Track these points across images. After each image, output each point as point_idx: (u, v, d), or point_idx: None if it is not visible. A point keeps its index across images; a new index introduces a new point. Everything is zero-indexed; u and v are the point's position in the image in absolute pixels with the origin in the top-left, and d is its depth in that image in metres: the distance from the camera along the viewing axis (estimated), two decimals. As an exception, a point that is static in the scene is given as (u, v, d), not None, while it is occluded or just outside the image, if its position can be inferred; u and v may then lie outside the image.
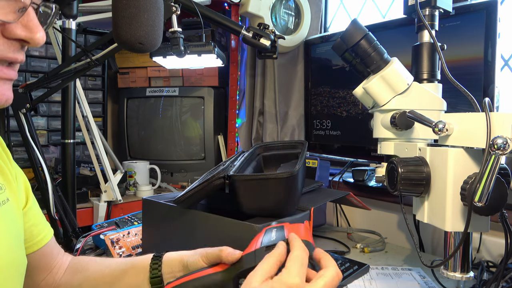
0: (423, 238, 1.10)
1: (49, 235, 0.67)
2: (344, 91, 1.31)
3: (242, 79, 1.72)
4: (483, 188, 0.53)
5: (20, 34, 0.43)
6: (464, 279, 0.66)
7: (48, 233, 0.67)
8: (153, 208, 0.85)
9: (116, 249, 0.93)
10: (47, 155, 1.69)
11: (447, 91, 0.80)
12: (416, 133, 0.77)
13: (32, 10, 0.44)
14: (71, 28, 1.13)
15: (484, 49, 0.92)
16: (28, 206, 0.63)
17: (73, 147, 1.17)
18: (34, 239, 0.64)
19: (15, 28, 0.43)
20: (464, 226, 0.59)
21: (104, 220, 1.42)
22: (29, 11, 0.43)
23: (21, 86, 1.06)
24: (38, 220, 0.66)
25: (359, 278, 0.87)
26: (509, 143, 0.51)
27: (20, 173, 0.64)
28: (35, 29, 0.44)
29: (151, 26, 0.67)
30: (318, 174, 1.26)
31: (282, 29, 1.42)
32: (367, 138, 0.96)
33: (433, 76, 0.78)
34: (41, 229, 0.66)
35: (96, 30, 1.82)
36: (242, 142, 1.72)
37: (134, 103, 1.91)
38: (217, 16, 1.07)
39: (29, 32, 0.43)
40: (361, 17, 1.57)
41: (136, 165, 1.71)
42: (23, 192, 0.63)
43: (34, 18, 0.44)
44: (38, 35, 0.44)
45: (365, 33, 0.77)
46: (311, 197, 0.89)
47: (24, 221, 0.62)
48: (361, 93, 0.83)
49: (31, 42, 0.44)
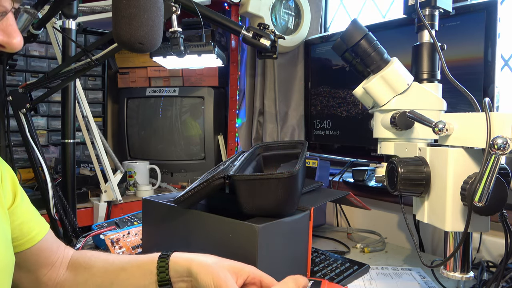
0: (423, 238, 1.10)
1: (43, 230, 0.66)
2: (344, 91, 1.31)
3: (242, 79, 1.72)
4: (483, 188, 0.53)
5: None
6: (464, 279, 0.66)
7: (42, 229, 0.66)
8: (153, 208, 0.85)
9: (116, 249, 0.93)
10: (47, 155, 1.69)
11: (447, 91, 0.80)
12: (416, 133, 0.77)
13: (12, 15, 0.43)
14: (71, 28, 1.13)
15: (484, 49, 0.92)
16: (15, 203, 0.62)
17: (73, 147, 1.17)
18: (26, 236, 0.63)
19: None
20: (464, 226, 0.59)
21: (104, 220, 1.42)
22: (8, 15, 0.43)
23: (21, 86, 1.06)
24: (29, 217, 0.65)
25: (359, 278, 0.87)
26: (509, 143, 0.51)
27: (7, 170, 0.63)
28: (13, 34, 0.43)
29: (151, 26, 0.67)
30: (318, 174, 1.26)
31: (282, 29, 1.42)
32: (367, 138, 0.96)
33: (433, 76, 0.78)
34: (32, 226, 0.65)
35: (96, 30, 1.82)
36: (242, 142, 1.72)
37: (134, 103, 1.91)
38: (217, 16, 1.07)
39: (7, 37, 0.43)
40: (361, 17, 1.57)
41: (136, 165, 1.71)
42: (10, 190, 0.62)
43: (13, 23, 0.43)
44: (15, 40, 0.44)
45: (365, 33, 0.77)
46: (311, 197, 0.89)
47: (12, 219, 0.61)
48: (361, 93, 0.83)
49: (7, 47, 0.43)
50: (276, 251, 0.69)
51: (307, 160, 1.28)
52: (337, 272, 0.86)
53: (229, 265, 0.58)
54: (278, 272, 0.70)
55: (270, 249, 0.67)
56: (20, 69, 1.66)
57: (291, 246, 0.73)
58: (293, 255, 0.74)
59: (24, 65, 1.67)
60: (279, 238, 0.69)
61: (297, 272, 0.75)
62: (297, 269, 0.75)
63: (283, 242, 0.71)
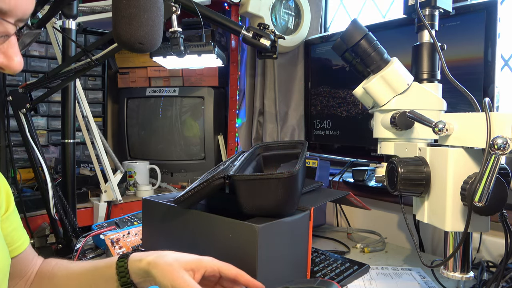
0: (423, 238, 1.10)
1: (26, 241, 0.68)
2: (344, 91, 1.31)
3: (242, 79, 1.72)
4: (483, 188, 0.53)
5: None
6: (464, 279, 0.66)
7: (25, 240, 0.68)
8: (153, 208, 0.85)
9: (116, 249, 0.93)
10: (47, 155, 1.69)
11: (447, 91, 0.80)
12: (416, 133, 0.77)
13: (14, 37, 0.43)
14: (71, 28, 1.13)
15: (484, 49, 0.92)
16: (9, 212, 0.64)
17: (73, 147, 1.17)
18: (14, 244, 0.65)
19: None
20: (464, 226, 0.59)
21: (104, 220, 1.41)
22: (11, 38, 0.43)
23: (21, 86, 1.06)
24: (16, 225, 0.67)
25: (359, 278, 0.87)
26: (509, 143, 0.51)
27: (2, 180, 0.64)
28: (14, 56, 0.43)
29: (151, 26, 0.67)
30: (318, 174, 1.26)
31: (282, 29, 1.42)
32: (367, 138, 0.96)
33: (433, 76, 0.78)
34: (20, 234, 0.67)
35: (96, 30, 1.82)
36: (242, 142, 1.72)
37: (134, 103, 1.91)
38: (217, 16, 1.08)
39: (7, 59, 0.43)
40: (361, 17, 1.57)
41: (136, 165, 1.71)
42: (4, 199, 0.64)
43: (14, 45, 0.43)
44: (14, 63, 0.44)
45: (365, 33, 0.77)
46: (311, 197, 0.89)
47: (4, 226, 0.63)
48: (361, 93, 0.83)
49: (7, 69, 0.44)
50: (276, 251, 0.69)
51: (307, 160, 1.28)
52: (337, 272, 0.86)
53: (186, 262, 0.59)
54: (278, 272, 0.70)
55: (270, 249, 0.67)
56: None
57: (291, 246, 0.73)
58: (293, 255, 0.74)
59: (24, 65, 1.65)
60: (279, 238, 0.69)
61: (297, 272, 0.75)
62: (297, 269, 0.75)
63: (283, 242, 0.71)
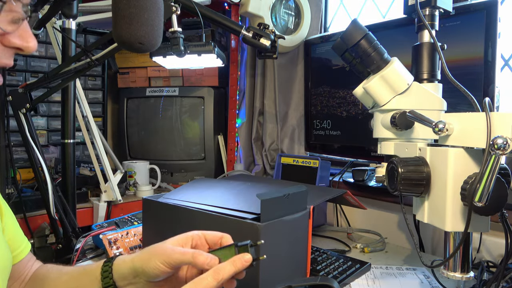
0: (423, 238, 1.10)
1: (26, 249, 0.68)
2: (344, 91, 1.31)
3: (242, 79, 1.72)
4: (483, 188, 0.53)
5: (16, 42, 0.48)
6: (464, 279, 0.66)
7: (25, 248, 0.68)
8: (153, 208, 0.85)
9: (114, 249, 0.92)
10: (47, 155, 1.69)
11: (447, 91, 0.80)
12: (416, 133, 0.77)
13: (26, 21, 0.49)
14: (71, 28, 1.13)
15: (484, 49, 0.92)
16: (4, 221, 0.64)
17: (73, 147, 1.17)
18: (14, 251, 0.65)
19: (12, 37, 0.48)
20: (464, 226, 0.59)
21: (104, 220, 1.41)
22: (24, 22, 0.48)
23: (21, 86, 1.06)
24: (14, 233, 0.67)
25: (361, 276, 0.87)
26: (509, 143, 0.51)
27: None
28: (29, 38, 0.49)
29: (151, 26, 0.67)
30: (319, 174, 1.26)
31: (282, 29, 1.42)
32: (367, 138, 0.96)
33: (433, 76, 0.78)
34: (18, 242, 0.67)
35: (96, 30, 1.81)
36: (242, 142, 1.72)
37: (134, 103, 1.91)
38: (217, 16, 1.07)
39: (25, 41, 0.49)
40: (361, 17, 1.57)
41: (136, 165, 1.71)
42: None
43: (28, 28, 0.49)
44: (32, 43, 0.50)
45: (365, 33, 0.77)
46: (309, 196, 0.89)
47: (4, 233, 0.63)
48: (361, 93, 0.83)
49: (25, 50, 0.50)
50: (277, 249, 0.69)
51: (308, 160, 1.28)
52: (339, 271, 0.86)
53: (173, 240, 0.59)
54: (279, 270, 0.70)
55: (271, 247, 0.67)
56: (20, 69, 1.65)
57: (291, 244, 0.73)
58: (294, 253, 0.74)
59: (24, 65, 1.66)
60: (280, 236, 0.70)
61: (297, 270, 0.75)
62: (297, 267, 0.75)
63: (283, 240, 0.71)
